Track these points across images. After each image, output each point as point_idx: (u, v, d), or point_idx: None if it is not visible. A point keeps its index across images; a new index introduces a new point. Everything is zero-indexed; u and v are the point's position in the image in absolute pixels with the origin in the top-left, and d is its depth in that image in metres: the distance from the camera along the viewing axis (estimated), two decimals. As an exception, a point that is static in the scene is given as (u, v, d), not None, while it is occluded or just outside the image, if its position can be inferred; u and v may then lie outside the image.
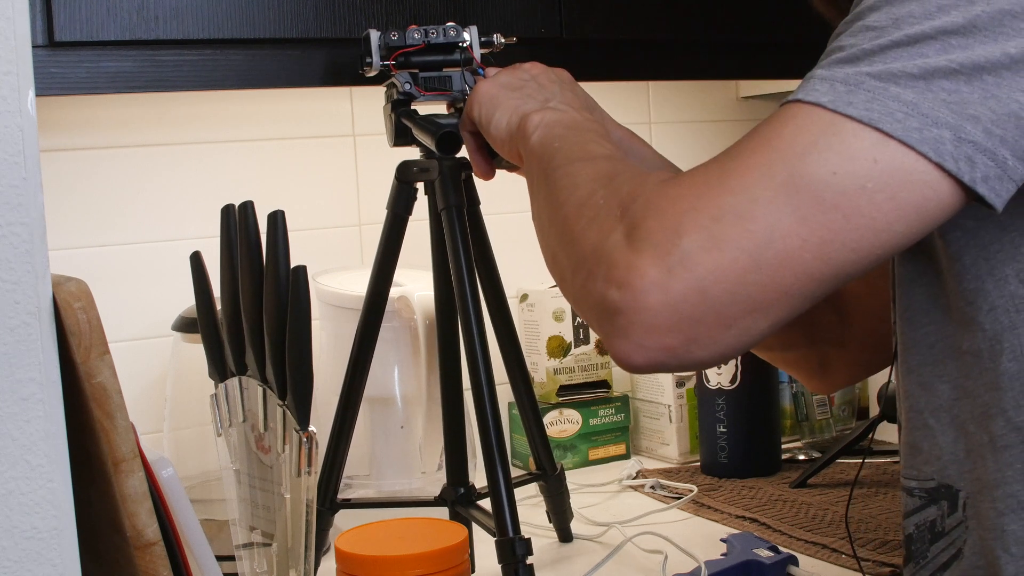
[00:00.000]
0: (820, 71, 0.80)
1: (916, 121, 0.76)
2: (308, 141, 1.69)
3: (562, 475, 1.41)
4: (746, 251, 0.77)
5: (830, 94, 0.78)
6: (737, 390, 1.64)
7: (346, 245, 1.72)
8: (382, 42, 1.27)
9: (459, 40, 1.27)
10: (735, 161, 0.80)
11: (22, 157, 0.86)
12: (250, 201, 1.12)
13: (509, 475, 1.21)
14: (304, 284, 1.04)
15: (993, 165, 0.77)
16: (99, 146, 1.56)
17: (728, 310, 0.78)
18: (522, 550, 1.17)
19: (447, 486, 1.35)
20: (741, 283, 0.77)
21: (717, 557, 1.30)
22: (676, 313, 0.77)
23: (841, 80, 0.78)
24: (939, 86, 0.77)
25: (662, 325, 0.78)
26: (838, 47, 0.81)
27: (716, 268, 0.77)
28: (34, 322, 0.87)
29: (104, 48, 1.25)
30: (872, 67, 0.78)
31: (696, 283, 0.77)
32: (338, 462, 1.33)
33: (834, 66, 0.80)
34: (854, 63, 0.79)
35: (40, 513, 0.87)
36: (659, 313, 0.78)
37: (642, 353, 0.79)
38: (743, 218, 0.77)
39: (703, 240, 0.77)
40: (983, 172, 0.77)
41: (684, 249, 0.77)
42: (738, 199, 0.78)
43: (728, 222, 0.77)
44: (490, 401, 1.21)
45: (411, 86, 1.26)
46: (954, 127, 0.76)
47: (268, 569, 1.15)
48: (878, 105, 0.77)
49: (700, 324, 0.78)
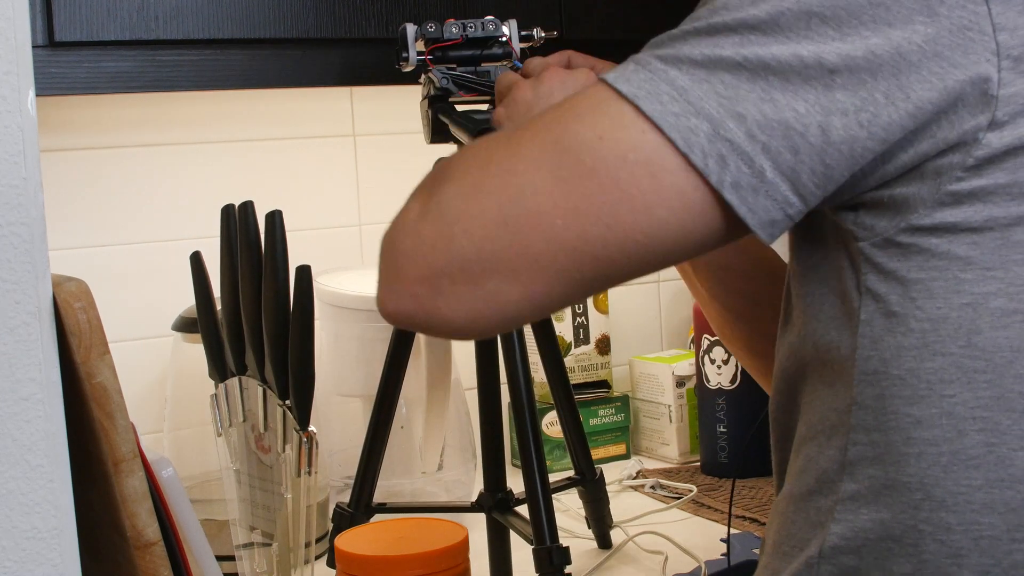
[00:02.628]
0: (635, 54, 0.78)
1: (678, 107, 0.73)
2: (308, 141, 1.69)
3: (602, 480, 1.39)
4: (497, 203, 0.74)
5: (617, 72, 0.76)
6: (737, 390, 1.64)
7: (346, 245, 1.72)
8: (418, 35, 1.22)
9: (498, 34, 1.23)
10: (528, 121, 0.78)
11: (22, 157, 0.86)
12: (250, 201, 1.12)
13: (547, 482, 1.19)
14: (308, 284, 1.04)
15: (748, 172, 0.72)
16: (99, 146, 1.56)
17: (473, 266, 0.74)
18: (559, 559, 1.16)
19: (484, 492, 1.31)
20: (487, 237, 0.74)
21: (717, 557, 1.30)
22: (423, 259, 0.75)
23: (635, 60, 0.77)
24: (719, 78, 0.73)
25: (410, 271, 0.76)
26: None
27: (464, 215, 0.74)
28: (34, 322, 0.87)
29: (104, 48, 1.25)
30: (665, 51, 0.76)
31: (445, 228, 0.75)
32: (372, 466, 1.29)
33: (645, 49, 0.78)
34: (656, 47, 0.77)
35: (40, 513, 0.87)
36: (409, 256, 0.76)
37: (393, 300, 0.77)
38: (505, 170, 0.75)
39: (462, 187, 0.75)
40: (734, 177, 0.72)
41: (444, 193, 0.76)
42: (509, 153, 0.76)
43: (489, 172, 0.75)
44: (529, 407, 1.20)
45: (448, 81, 1.22)
46: (715, 121, 0.72)
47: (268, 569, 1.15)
48: (650, 86, 0.74)
49: (445, 275, 0.75)
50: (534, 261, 0.74)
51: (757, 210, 0.73)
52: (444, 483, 1.52)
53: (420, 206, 0.77)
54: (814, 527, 0.80)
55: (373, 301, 0.78)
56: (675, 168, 0.73)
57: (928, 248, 0.75)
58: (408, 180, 0.81)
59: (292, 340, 1.05)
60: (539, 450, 1.19)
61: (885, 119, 0.73)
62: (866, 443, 0.78)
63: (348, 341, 1.50)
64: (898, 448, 0.76)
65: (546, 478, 1.19)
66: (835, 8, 0.73)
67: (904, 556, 0.76)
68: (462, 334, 0.78)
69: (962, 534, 0.75)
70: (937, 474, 0.75)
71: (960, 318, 0.75)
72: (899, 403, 0.76)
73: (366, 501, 1.29)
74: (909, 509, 0.76)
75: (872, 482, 0.77)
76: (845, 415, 0.79)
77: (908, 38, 0.73)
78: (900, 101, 0.73)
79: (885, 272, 0.77)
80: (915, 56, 0.73)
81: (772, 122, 0.72)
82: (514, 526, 1.26)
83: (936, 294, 0.76)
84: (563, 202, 0.73)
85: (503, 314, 0.76)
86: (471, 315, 0.76)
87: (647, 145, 0.73)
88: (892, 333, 0.77)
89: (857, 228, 0.77)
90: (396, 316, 0.78)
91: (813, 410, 0.82)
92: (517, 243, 0.74)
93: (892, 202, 0.76)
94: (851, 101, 0.73)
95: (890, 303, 0.77)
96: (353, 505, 1.29)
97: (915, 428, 0.76)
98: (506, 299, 0.75)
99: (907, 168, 0.75)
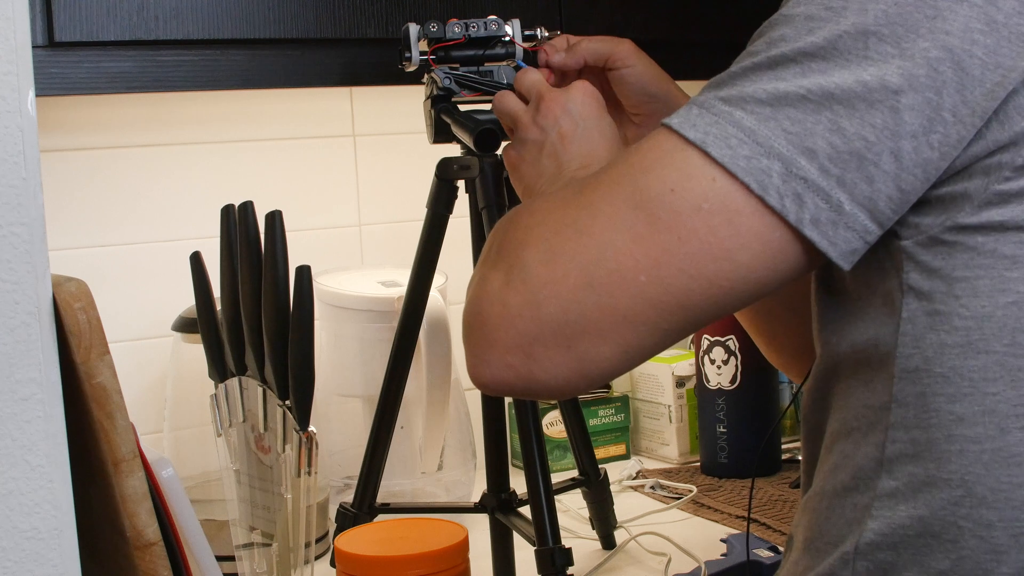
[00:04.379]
0: (696, 96, 0.78)
1: (748, 149, 0.73)
2: (308, 141, 1.69)
3: (606, 481, 1.39)
4: (579, 266, 0.75)
5: (681, 116, 0.76)
6: (737, 390, 1.64)
7: (346, 245, 1.72)
8: (421, 35, 1.21)
9: (500, 34, 1.22)
10: (594, 177, 0.78)
11: (22, 157, 0.86)
12: (250, 201, 1.12)
13: (550, 483, 1.19)
14: (308, 284, 1.04)
15: (826, 207, 0.72)
16: (99, 146, 1.56)
17: (564, 329, 0.75)
18: (562, 560, 1.16)
19: (487, 492, 1.30)
20: (574, 300, 0.74)
21: (717, 557, 1.30)
22: (513, 328, 0.75)
23: (699, 103, 0.76)
24: (784, 114, 0.73)
25: (501, 340, 0.76)
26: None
27: (549, 282, 0.75)
28: (34, 322, 0.87)
29: (104, 48, 1.25)
30: (728, 91, 0.75)
31: (531, 296, 0.75)
32: (375, 466, 1.29)
33: (705, 90, 0.78)
34: (717, 87, 0.77)
35: (40, 513, 0.87)
36: (498, 327, 0.76)
37: (487, 370, 0.77)
38: (581, 232, 0.75)
39: (541, 253, 0.76)
40: (813, 214, 0.73)
41: (524, 261, 0.76)
42: (582, 213, 0.76)
43: (567, 235, 0.75)
44: (532, 406, 1.20)
45: (451, 81, 1.21)
46: (786, 160, 0.72)
47: (268, 569, 1.15)
48: (717, 129, 0.74)
49: (537, 342, 0.75)
50: (622, 319, 0.75)
51: (838, 242, 0.74)
52: (444, 483, 1.52)
53: (503, 275, 0.77)
54: (849, 524, 0.80)
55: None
56: (751, 211, 0.73)
57: (974, 246, 0.75)
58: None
59: (292, 340, 1.05)
60: (541, 451, 1.19)
61: (955, 137, 0.73)
62: (906, 440, 0.78)
63: (348, 341, 1.50)
64: (939, 445, 0.77)
65: (548, 479, 1.18)
66: (892, 25, 0.73)
67: (943, 552, 0.76)
68: (562, 395, 0.79)
69: (1002, 530, 0.75)
70: (979, 471, 0.76)
71: (1005, 316, 0.75)
72: (941, 400, 0.77)
73: (370, 501, 1.29)
74: (949, 506, 0.76)
75: (911, 479, 0.78)
76: (883, 412, 0.79)
77: (968, 50, 0.72)
78: (967, 117, 0.73)
79: (929, 270, 0.77)
80: (977, 69, 0.73)
81: (843, 154, 0.72)
82: (517, 527, 1.25)
83: (981, 292, 0.76)
84: (644, 259, 0.74)
85: (599, 371, 0.77)
86: (567, 376, 0.76)
87: (719, 192, 0.73)
88: (935, 331, 0.77)
89: (902, 227, 0.77)
90: (493, 386, 0.78)
91: (847, 407, 0.82)
92: (603, 303, 0.74)
93: (939, 201, 0.76)
94: (919, 123, 0.72)
95: (933, 301, 0.77)
96: (357, 505, 1.28)
97: (957, 425, 0.76)
98: (599, 357, 0.76)
99: (957, 170, 0.75)
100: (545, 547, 1.16)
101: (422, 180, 1.29)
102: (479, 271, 0.80)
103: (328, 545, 1.37)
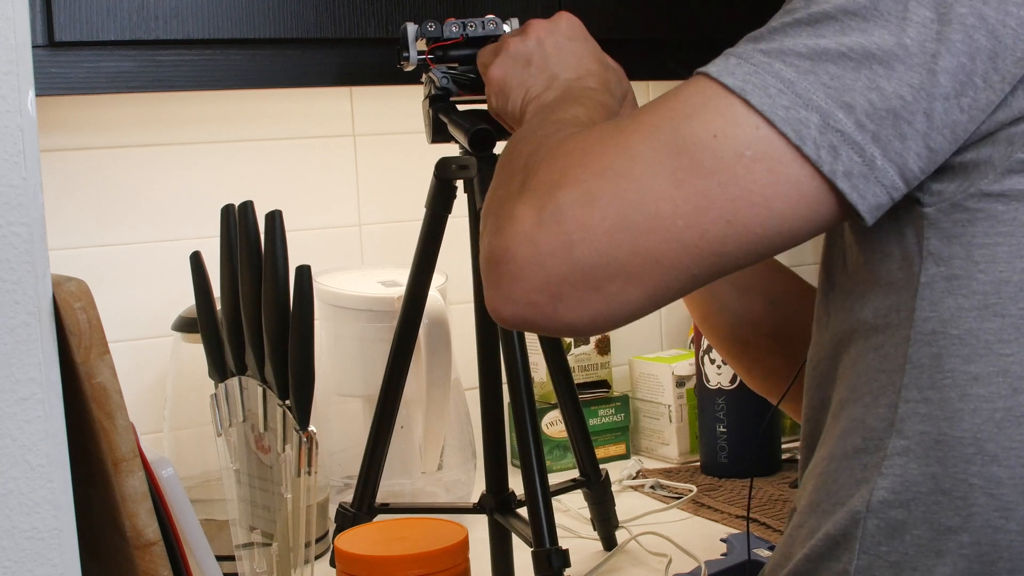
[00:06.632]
0: (732, 48, 0.79)
1: (787, 99, 0.74)
2: (308, 141, 1.69)
3: (607, 481, 1.38)
4: (617, 209, 0.75)
5: (719, 65, 0.77)
6: (737, 390, 1.64)
7: (346, 245, 1.72)
8: (419, 34, 1.21)
9: (498, 33, 1.21)
10: (632, 120, 0.78)
11: (22, 157, 0.86)
12: (250, 201, 1.12)
13: (547, 484, 1.18)
14: (308, 284, 1.04)
15: (860, 161, 0.74)
16: (99, 146, 1.56)
17: (596, 272, 0.75)
18: (559, 562, 1.15)
19: (485, 493, 1.30)
20: (609, 243, 0.75)
21: (717, 557, 1.30)
22: (542, 268, 0.75)
23: (736, 54, 0.77)
24: (824, 69, 0.74)
25: (529, 279, 0.76)
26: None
27: (585, 224, 0.75)
28: (34, 322, 0.87)
29: (104, 48, 1.25)
30: (768, 44, 0.76)
31: (564, 238, 0.75)
32: (375, 466, 1.29)
33: (742, 43, 0.79)
34: (756, 41, 0.78)
35: (40, 513, 0.87)
36: (526, 265, 0.76)
37: (510, 306, 0.77)
38: (620, 176, 0.75)
39: (578, 195, 0.75)
40: (846, 166, 0.74)
41: (559, 202, 0.76)
42: (621, 156, 0.76)
43: (606, 178, 0.75)
44: (528, 407, 1.19)
45: (448, 80, 1.21)
46: (824, 112, 0.74)
47: (268, 569, 1.15)
48: (756, 79, 0.75)
49: (566, 282, 0.75)
50: (656, 263, 0.75)
51: (867, 196, 0.75)
52: (444, 483, 1.52)
53: (535, 213, 0.76)
54: (858, 483, 0.81)
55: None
56: (789, 161, 0.74)
57: (995, 214, 0.77)
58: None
59: (292, 340, 1.05)
60: (539, 451, 1.19)
61: (984, 102, 0.75)
62: (918, 400, 0.79)
63: (348, 341, 1.50)
64: (953, 404, 0.78)
65: (546, 480, 1.18)
66: None
67: (953, 509, 0.78)
68: (581, 333, 0.80)
69: (1012, 488, 0.77)
70: (991, 429, 0.77)
71: (1021, 281, 0.77)
72: (957, 362, 0.78)
73: (369, 501, 1.29)
74: (960, 463, 0.77)
75: (923, 438, 0.79)
76: (896, 375, 0.80)
77: (1003, 20, 0.74)
78: (996, 83, 0.75)
79: (950, 236, 0.78)
80: (1010, 39, 0.74)
81: (880, 111, 0.74)
82: (515, 528, 1.25)
83: (999, 258, 0.77)
84: (683, 204, 0.75)
85: (624, 313, 0.77)
86: (592, 317, 0.77)
87: (761, 140, 0.74)
88: (952, 295, 0.78)
89: (924, 194, 0.79)
90: (512, 321, 0.78)
91: (857, 374, 0.83)
92: (639, 247, 0.75)
93: (962, 168, 0.77)
94: (952, 86, 0.74)
95: (952, 266, 0.78)
96: (356, 505, 1.28)
97: (971, 385, 0.78)
98: (627, 299, 0.76)
99: (982, 135, 0.76)
100: (542, 548, 1.16)
101: (422, 180, 1.29)
102: (504, 204, 0.79)
103: (328, 545, 1.37)
